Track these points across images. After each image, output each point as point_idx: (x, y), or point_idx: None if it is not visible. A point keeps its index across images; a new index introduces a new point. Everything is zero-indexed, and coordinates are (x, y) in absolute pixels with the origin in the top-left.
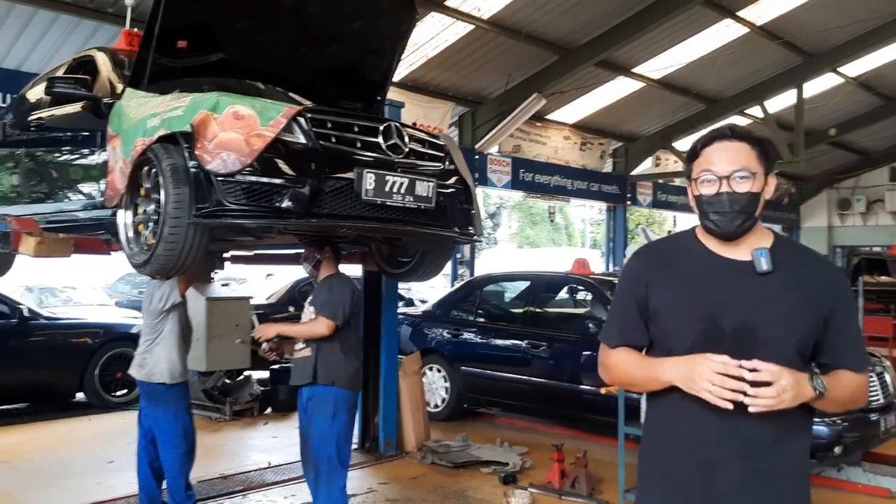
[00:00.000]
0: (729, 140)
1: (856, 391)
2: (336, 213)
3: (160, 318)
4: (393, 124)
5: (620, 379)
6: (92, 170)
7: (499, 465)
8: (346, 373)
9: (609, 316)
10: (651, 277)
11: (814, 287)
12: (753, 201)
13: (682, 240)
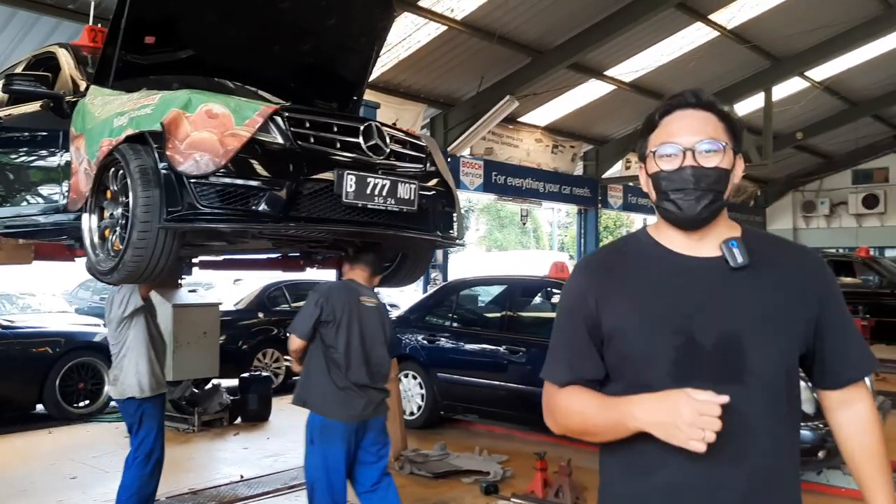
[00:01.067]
0: (693, 108)
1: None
2: (315, 217)
3: (122, 327)
4: (373, 124)
5: (573, 427)
6: (53, 172)
7: (479, 475)
8: (316, 394)
9: (552, 346)
10: (600, 292)
11: (797, 280)
12: (722, 179)
13: (633, 241)
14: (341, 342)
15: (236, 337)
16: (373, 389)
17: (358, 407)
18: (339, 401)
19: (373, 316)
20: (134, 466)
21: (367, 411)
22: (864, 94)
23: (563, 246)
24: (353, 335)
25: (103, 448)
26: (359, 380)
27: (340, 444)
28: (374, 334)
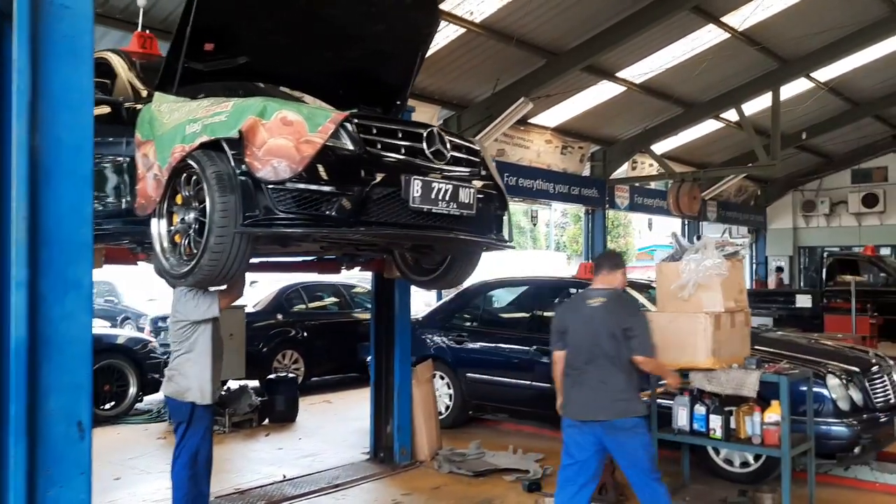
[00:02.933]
0: None
1: None
2: (384, 221)
3: (189, 329)
4: (435, 130)
5: None
6: (114, 177)
7: (519, 473)
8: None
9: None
10: None
11: None
12: None
13: None
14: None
15: (255, 339)
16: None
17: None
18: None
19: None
20: (178, 465)
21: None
22: (866, 95)
23: (560, 245)
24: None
25: (138, 449)
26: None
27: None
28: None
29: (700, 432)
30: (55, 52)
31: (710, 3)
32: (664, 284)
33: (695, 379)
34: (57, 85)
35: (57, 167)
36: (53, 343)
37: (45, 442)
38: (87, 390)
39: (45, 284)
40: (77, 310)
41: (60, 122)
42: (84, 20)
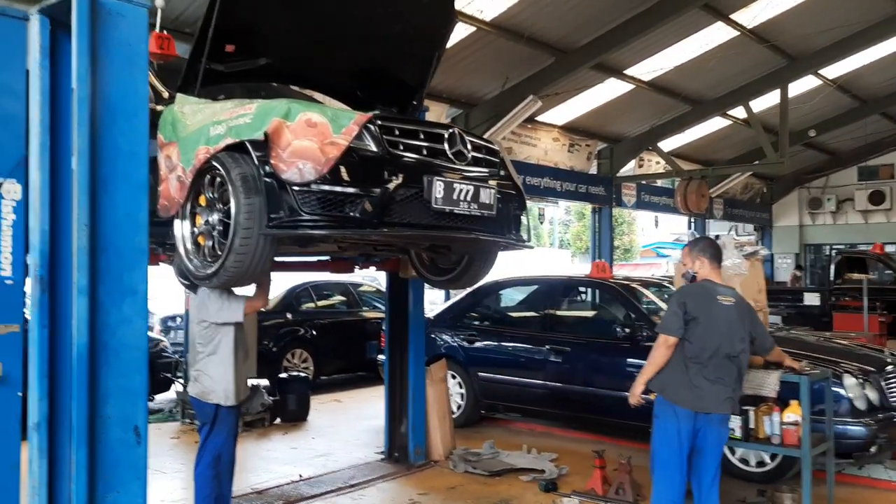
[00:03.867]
0: None
1: None
2: (407, 222)
3: (213, 330)
4: (456, 130)
5: None
6: None
7: (535, 473)
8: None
9: None
10: None
11: None
12: None
13: None
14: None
15: (265, 338)
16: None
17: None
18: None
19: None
20: (200, 466)
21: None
22: (874, 92)
23: (564, 243)
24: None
25: (152, 449)
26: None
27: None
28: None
29: None
30: (112, 60)
31: (720, 1)
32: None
33: None
34: (114, 92)
35: (113, 174)
36: (111, 348)
37: (103, 447)
38: (142, 396)
39: (103, 290)
40: (133, 315)
41: (118, 129)
42: (139, 28)
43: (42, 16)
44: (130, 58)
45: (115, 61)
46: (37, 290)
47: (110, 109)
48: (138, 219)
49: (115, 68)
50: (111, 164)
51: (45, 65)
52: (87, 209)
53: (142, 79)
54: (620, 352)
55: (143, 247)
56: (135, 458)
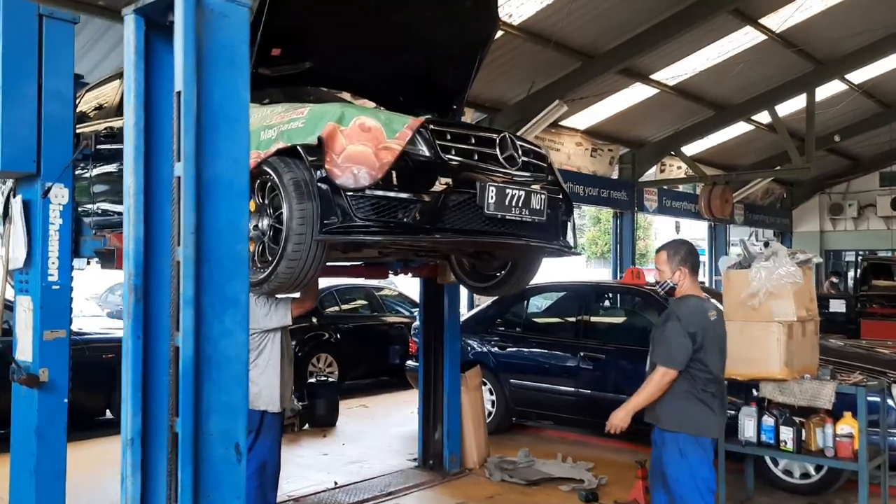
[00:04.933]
0: None
1: None
2: (459, 228)
3: (259, 337)
4: (507, 135)
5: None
6: None
7: (573, 483)
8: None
9: None
10: None
11: None
12: None
13: None
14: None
15: None
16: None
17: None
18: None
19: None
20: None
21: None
22: None
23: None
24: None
25: None
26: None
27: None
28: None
29: (769, 444)
30: (215, 63)
31: (749, 5)
32: (732, 292)
33: (765, 389)
34: (217, 96)
35: (216, 181)
36: (213, 362)
37: (207, 465)
38: (243, 412)
39: (206, 302)
40: (234, 327)
41: (220, 135)
42: (241, 30)
43: (137, 16)
44: (233, 60)
45: (218, 63)
46: (131, 300)
47: (213, 114)
48: (239, 227)
49: (219, 71)
50: (214, 171)
51: (139, 66)
52: (193, 217)
53: (243, 82)
54: None
55: (243, 256)
56: (236, 476)
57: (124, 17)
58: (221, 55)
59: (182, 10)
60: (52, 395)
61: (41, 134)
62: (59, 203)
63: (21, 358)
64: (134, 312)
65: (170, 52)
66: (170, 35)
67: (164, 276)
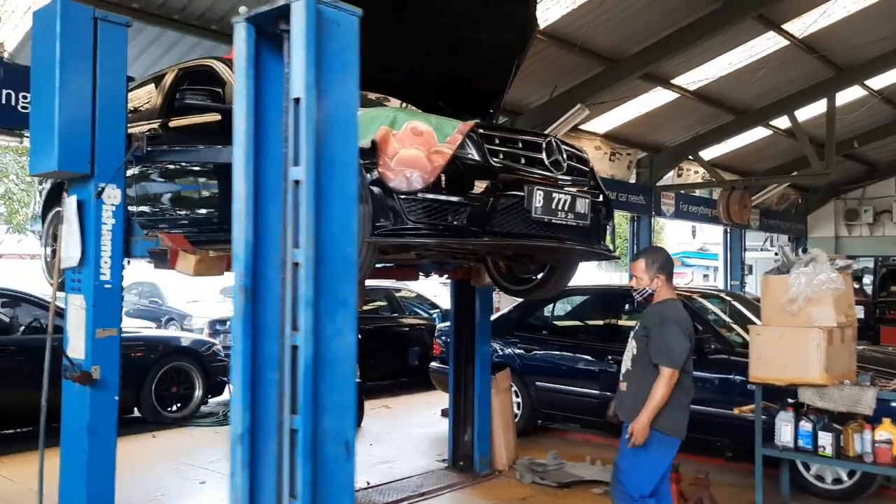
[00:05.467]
0: None
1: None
2: (508, 231)
3: None
4: (553, 139)
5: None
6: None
7: (604, 486)
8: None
9: None
10: None
11: None
12: None
13: None
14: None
15: None
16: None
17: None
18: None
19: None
20: None
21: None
22: None
23: None
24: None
25: (216, 453)
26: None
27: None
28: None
29: (806, 449)
30: (330, 71)
31: (774, 10)
32: (771, 297)
33: (804, 395)
34: (331, 103)
35: (331, 185)
36: (326, 361)
37: (321, 462)
38: (352, 410)
39: (321, 303)
40: (345, 328)
41: (335, 141)
42: (352, 37)
43: (248, 24)
44: (345, 67)
45: (332, 71)
46: (241, 300)
47: (328, 120)
48: (350, 230)
49: (332, 78)
50: (329, 176)
51: (250, 73)
52: (313, 220)
53: (354, 89)
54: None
55: (353, 259)
56: (346, 473)
57: (234, 25)
58: (335, 63)
59: (303, 19)
60: (103, 392)
61: (95, 135)
62: (112, 203)
63: (73, 355)
64: (244, 312)
65: (277, 60)
66: (278, 43)
67: (268, 277)
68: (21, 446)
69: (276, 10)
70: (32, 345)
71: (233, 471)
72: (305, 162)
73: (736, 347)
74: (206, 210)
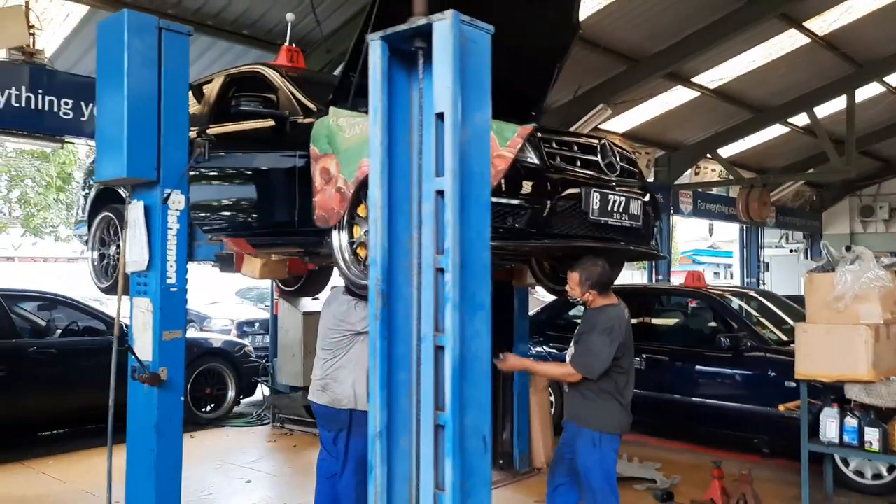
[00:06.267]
0: None
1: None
2: (566, 233)
3: (349, 337)
4: (607, 142)
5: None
6: (282, 190)
7: (645, 483)
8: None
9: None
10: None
11: None
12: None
13: None
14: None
15: None
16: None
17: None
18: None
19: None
20: (346, 473)
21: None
22: None
23: None
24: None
25: (254, 452)
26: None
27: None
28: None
29: (852, 444)
30: (468, 86)
31: (796, 8)
32: (816, 295)
33: (850, 391)
34: (469, 117)
35: (469, 195)
36: (467, 361)
37: (464, 455)
38: (488, 407)
39: (462, 305)
40: (482, 329)
41: (472, 152)
42: (486, 54)
43: (383, 42)
44: (479, 82)
45: (469, 86)
46: (379, 304)
47: (467, 133)
48: (485, 237)
49: (470, 93)
50: (469, 186)
51: (385, 89)
52: (458, 228)
53: (487, 102)
54: (722, 362)
55: (487, 263)
56: (484, 466)
57: (369, 42)
58: (473, 78)
59: (449, 38)
60: (170, 392)
61: (161, 142)
62: (177, 209)
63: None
64: (381, 316)
65: (403, 75)
66: (407, 59)
67: (398, 282)
68: (61, 448)
69: (412, 29)
70: (69, 347)
71: (371, 465)
72: (450, 173)
73: (772, 345)
74: (262, 215)
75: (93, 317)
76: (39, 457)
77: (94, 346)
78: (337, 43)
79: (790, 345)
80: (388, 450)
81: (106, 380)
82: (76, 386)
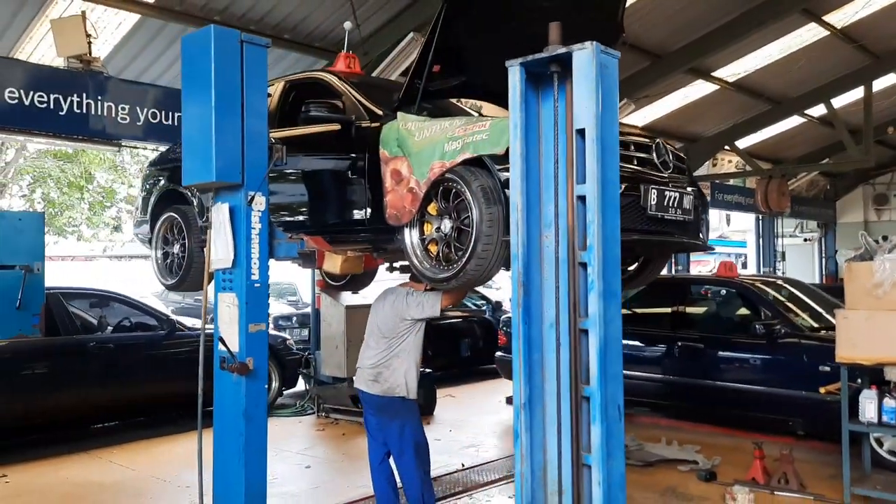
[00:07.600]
0: None
1: None
2: (626, 228)
3: (405, 326)
4: (660, 141)
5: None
6: (351, 191)
7: (688, 464)
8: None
9: None
10: None
11: None
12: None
13: None
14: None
15: None
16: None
17: None
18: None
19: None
20: (405, 458)
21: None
22: None
23: None
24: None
25: (306, 441)
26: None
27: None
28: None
29: (891, 424)
30: (602, 104)
31: (817, 2)
32: (856, 283)
33: (891, 373)
34: (603, 132)
35: (605, 200)
36: (606, 341)
37: (605, 422)
38: (621, 380)
39: (604, 295)
40: (616, 315)
41: (606, 162)
42: (615, 77)
43: (521, 68)
44: (610, 101)
45: (604, 105)
46: (520, 294)
47: (602, 146)
48: (616, 234)
49: (603, 111)
50: (604, 192)
51: (522, 108)
52: (601, 228)
53: (615, 119)
54: (757, 349)
55: (618, 258)
56: (619, 431)
57: (509, 68)
58: (607, 99)
59: (591, 65)
60: (255, 381)
61: (244, 147)
62: (259, 210)
63: (223, 348)
64: (523, 304)
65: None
66: (542, 82)
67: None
68: (120, 438)
69: (551, 56)
70: (126, 342)
71: (517, 433)
72: (593, 181)
73: (805, 331)
74: (335, 214)
75: (145, 312)
76: (103, 447)
77: (148, 340)
78: (374, 46)
79: (822, 331)
80: (530, 419)
81: (159, 373)
82: (131, 379)
